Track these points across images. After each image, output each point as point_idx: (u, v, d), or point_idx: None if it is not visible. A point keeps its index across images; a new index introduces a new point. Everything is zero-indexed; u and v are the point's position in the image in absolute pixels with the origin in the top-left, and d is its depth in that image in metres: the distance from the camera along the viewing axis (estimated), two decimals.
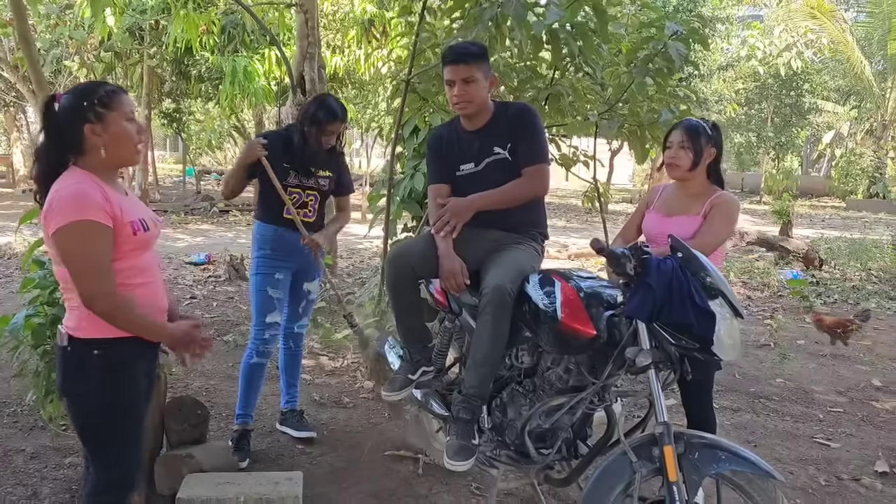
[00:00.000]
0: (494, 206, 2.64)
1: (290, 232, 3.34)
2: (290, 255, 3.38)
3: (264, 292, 3.34)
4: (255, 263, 3.38)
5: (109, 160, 1.93)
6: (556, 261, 9.84)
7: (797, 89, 23.20)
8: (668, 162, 2.78)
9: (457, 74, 2.62)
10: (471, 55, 2.62)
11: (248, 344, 3.43)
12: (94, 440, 1.99)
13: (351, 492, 3.09)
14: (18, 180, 19.11)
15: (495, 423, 2.59)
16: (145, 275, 2.01)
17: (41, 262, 2.96)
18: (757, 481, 2.02)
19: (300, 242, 3.33)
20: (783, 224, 11.67)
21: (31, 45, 3.47)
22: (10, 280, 7.44)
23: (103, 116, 1.90)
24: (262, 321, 3.36)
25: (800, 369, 5.13)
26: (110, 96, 1.92)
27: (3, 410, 3.82)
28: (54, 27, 11.57)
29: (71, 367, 1.94)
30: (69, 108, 1.89)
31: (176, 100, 15.74)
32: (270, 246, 3.36)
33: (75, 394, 1.95)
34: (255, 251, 3.40)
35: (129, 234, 1.92)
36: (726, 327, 2.09)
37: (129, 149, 1.96)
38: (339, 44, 11.54)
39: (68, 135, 1.89)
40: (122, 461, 2.02)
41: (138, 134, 1.98)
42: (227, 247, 9.63)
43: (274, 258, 3.36)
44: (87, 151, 1.91)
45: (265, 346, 3.39)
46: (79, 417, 1.98)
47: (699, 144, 2.71)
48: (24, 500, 2.90)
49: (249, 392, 3.43)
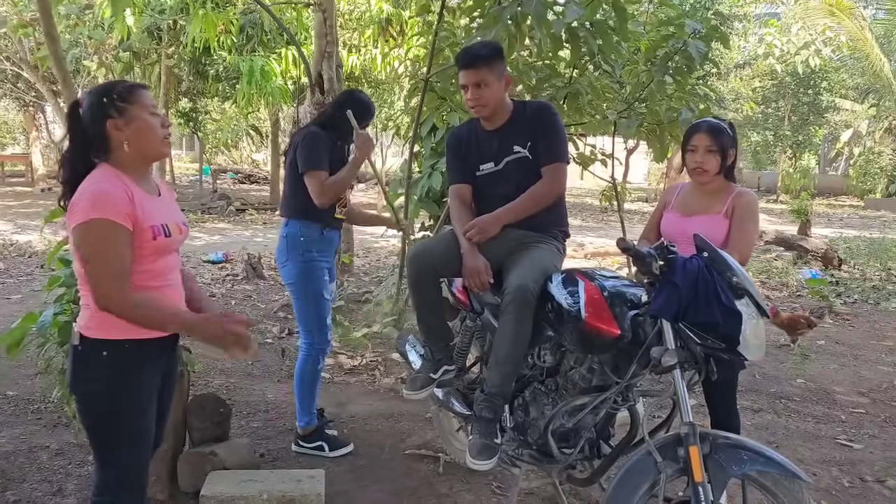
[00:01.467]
0: (520, 216, 2.65)
1: (332, 231, 3.36)
2: (328, 255, 3.38)
3: (321, 297, 3.31)
4: (301, 269, 3.26)
5: (134, 154, 1.91)
6: (574, 260, 9.81)
7: (815, 87, 22.97)
8: (695, 167, 2.68)
9: (469, 79, 2.63)
10: (482, 59, 2.61)
11: (307, 351, 3.35)
12: (95, 440, 1.97)
13: (372, 490, 3.11)
14: (38, 179, 19.30)
15: (517, 422, 2.58)
16: (160, 279, 1.97)
17: (67, 260, 2.98)
18: (783, 482, 2.01)
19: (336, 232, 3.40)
20: (801, 223, 11.57)
21: (56, 42, 3.49)
22: (32, 278, 7.52)
23: (124, 110, 1.88)
24: (322, 325, 3.34)
25: (821, 370, 5.09)
26: (129, 90, 1.91)
27: (28, 407, 3.87)
28: (74, 27, 11.67)
29: (80, 366, 1.91)
30: (90, 107, 1.89)
31: (193, 99, 15.84)
32: (316, 248, 3.29)
33: (81, 393, 1.94)
34: (299, 255, 3.26)
35: (148, 239, 1.89)
36: (752, 327, 2.07)
37: (153, 141, 1.94)
38: (356, 43, 11.56)
39: (93, 134, 1.88)
40: (122, 463, 1.98)
41: (163, 127, 1.96)
42: (245, 245, 9.68)
43: (319, 259, 3.31)
44: (113, 148, 1.90)
45: (328, 347, 3.43)
46: (83, 416, 1.96)
47: (724, 146, 2.65)
48: (50, 496, 2.93)
49: (314, 396, 3.42)
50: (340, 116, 3.30)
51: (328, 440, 3.43)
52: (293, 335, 5.50)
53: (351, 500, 3.01)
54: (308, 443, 3.41)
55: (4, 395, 4.03)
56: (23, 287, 7.12)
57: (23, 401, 3.95)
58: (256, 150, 26.07)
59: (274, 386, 4.41)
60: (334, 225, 3.38)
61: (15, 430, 3.57)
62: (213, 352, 1.97)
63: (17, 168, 21.90)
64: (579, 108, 4.64)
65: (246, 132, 18.56)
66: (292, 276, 3.30)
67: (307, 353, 3.36)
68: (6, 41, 13.30)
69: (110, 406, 1.92)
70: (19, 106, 20.48)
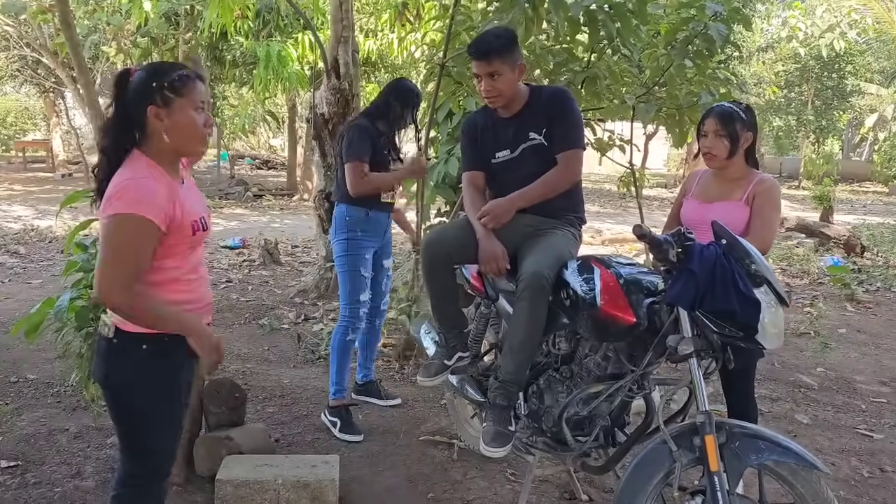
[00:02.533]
0: (534, 202, 2.62)
1: (379, 213, 3.56)
2: (375, 235, 3.58)
3: (357, 272, 3.51)
4: (345, 245, 3.51)
5: (171, 147, 1.85)
6: (591, 246, 9.75)
7: (839, 71, 22.60)
8: (706, 152, 2.69)
9: (482, 70, 2.59)
10: (494, 50, 2.57)
11: (340, 322, 3.58)
12: (129, 432, 1.97)
13: (386, 475, 3.11)
14: (58, 165, 19.50)
15: (532, 409, 2.57)
16: (197, 271, 1.98)
17: (84, 245, 3.00)
18: (801, 472, 1.98)
19: (387, 219, 3.64)
20: (824, 210, 11.41)
21: (72, 29, 3.50)
22: (52, 263, 7.61)
23: (170, 101, 1.81)
24: (356, 300, 3.54)
25: (841, 358, 5.02)
26: (182, 81, 1.83)
27: (47, 391, 3.92)
28: (92, 13, 11.72)
29: (115, 359, 1.89)
30: (138, 85, 1.82)
31: (210, 85, 15.87)
32: (361, 227, 3.51)
33: (117, 386, 1.92)
34: (343, 233, 3.52)
35: (188, 234, 1.87)
36: (771, 315, 2.04)
37: (191, 139, 1.88)
38: (373, 27, 11.51)
39: (134, 113, 1.83)
40: (155, 454, 2.00)
41: (206, 125, 1.89)
42: (262, 231, 9.72)
43: (363, 239, 3.52)
44: (150, 135, 1.84)
45: (359, 322, 3.59)
46: (118, 409, 1.95)
47: (735, 131, 2.62)
48: (69, 479, 2.97)
49: (344, 367, 3.60)
50: (388, 107, 3.55)
51: (344, 420, 3.52)
52: (309, 321, 5.52)
53: (365, 485, 3.02)
54: (330, 415, 3.58)
55: (25, 379, 4.08)
56: (43, 272, 7.20)
57: (43, 384, 4.00)
58: (273, 135, 26.14)
59: (289, 371, 4.43)
60: (380, 207, 3.58)
61: (35, 412, 3.62)
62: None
63: (38, 154, 22.13)
64: (597, 93, 4.58)
65: (263, 118, 18.61)
66: (337, 252, 3.58)
67: (340, 323, 3.60)
68: (26, 27, 13.39)
69: (149, 398, 1.91)
70: (39, 92, 20.65)
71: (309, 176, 14.95)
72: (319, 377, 4.32)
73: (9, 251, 8.12)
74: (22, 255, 7.98)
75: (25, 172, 19.22)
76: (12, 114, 24.15)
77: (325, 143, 5.94)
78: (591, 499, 2.95)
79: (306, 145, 14.50)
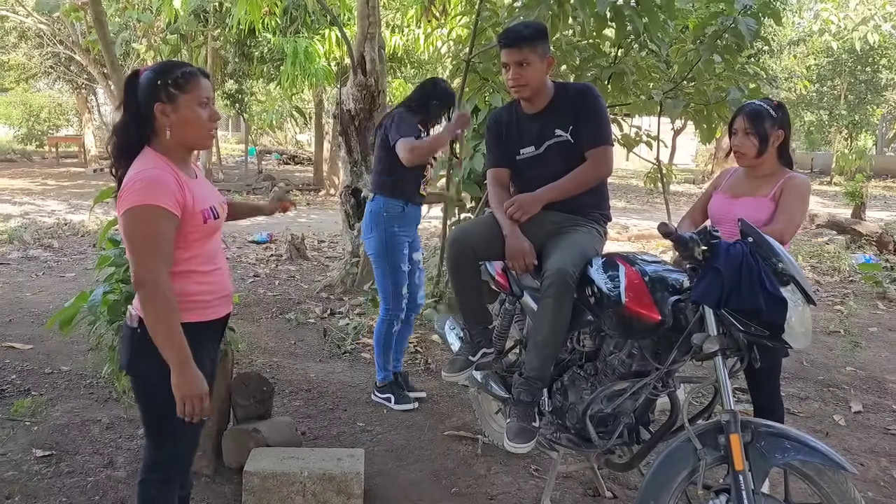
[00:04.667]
0: (562, 196, 2.62)
1: (415, 207, 3.67)
2: (409, 229, 3.70)
3: (397, 267, 3.65)
4: (383, 241, 3.61)
5: (174, 142, 1.92)
6: (617, 243, 9.70)
7: (873, 65, 22.13)
8: (735, 150, 2.70)
9: (511, 57, 2.59)
10: (525, 38, 2.57)
11: (383, 315, 3.74)
12: (154, 420, 2.02)
13: (410, 469, 3.14)
14: (90, 160, 19.85)
15: (556, 406, 2.57)
16: (214, 261, 2.02)
17: (116, 240, 3.06)
18: (827, 473, 1.96)
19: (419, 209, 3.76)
20: (855, 206, 11.21)
21: (104, 27, 3.58)
22: (84, 257, 7.76)
23: (175, 98, 1.88)
24: (398, 294, 3.69)
25: (872, 358, 4.94)
26: (186, 78, 1.90)
27: (80, 382, 4.01)
28: (123, 10, 11.90)
29: (139, 348, 1.93)
30: (145, 84, 1.89)
31: (238, 81, 16.04)
32: (398, 223, 3.62)
33: (141, 375, 1.97)
34: (381, 229, 3.61)
35: (200, 223, 1.92)
36: (798, 314, 2.02)
37: (195, 133, 1.94)
38: (399, 23, 11.54)
39: (143, 111, 1.89)
40: (179, 441, 2.04)
41: (211, 120, 1.95)
42: (288, 226, 9.81)
43: (400, 234, 3.63)
44: (157, 131, 1.91)
45: (402, 314, 3.76)
46: (143, 397, 2.00)
47: (763, 129, 2.61)
48: (101, 468, 3.04)
49: (387, 356, 3.81)
50: (426, 106, 3.67)
51: (396, 394, 3.79)
52: (335, 315, 5.56)
53: (390, 479, 3.05)
54: (381, 393, 3.83)
55: (59, 370, 4.18)
56: (76, 265, 7.35)
57: (76, 376, 4.09)
58: (300, 131, 26.31)
59: (316, 366, 4.48)
60: (416, 201, 3.69)
61: (68, 403, 3.70)
62: None
63: (71, 149, 22.52)
64: (624, 89, 4.56)
65: (290, 113, 18.72)
66: (374, 248, 3.66)
67: (383, 317, 3.74)
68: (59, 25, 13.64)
69: (169, 386, 1.92)
70: (72, 88, 21.06)
71: (335, 171, 15.04)
72: (345, 371, 4.37)
73: (42, 245, 8.29)
74: (55, 249, 8.14)
75: (58, 167, 19.59)
76: (45, 109, 24.60)
77: (351, 139, 5.98)
78: (614, 495, 2.95)
79: (333, 141, 14.56)
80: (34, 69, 19.14)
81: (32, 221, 9.97)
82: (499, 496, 2.94)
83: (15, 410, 3.52)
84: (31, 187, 14.69)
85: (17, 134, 24.83)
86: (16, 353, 4.46)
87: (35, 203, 12.23)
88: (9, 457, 3.10)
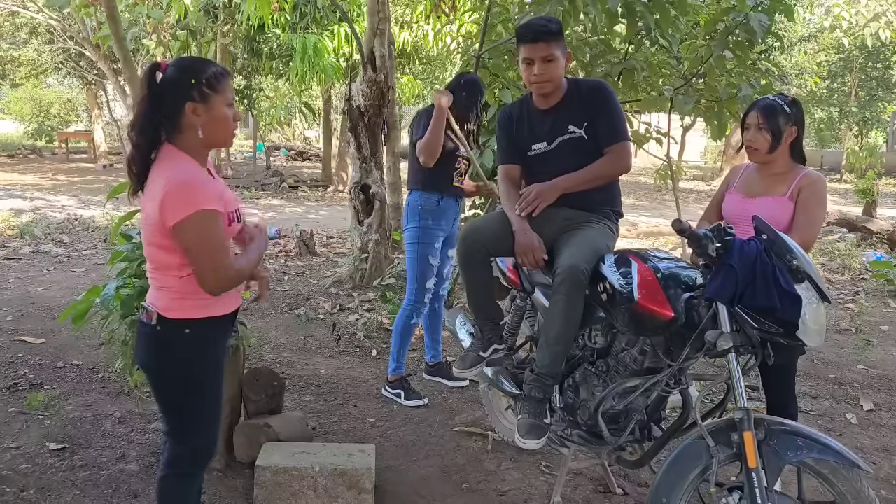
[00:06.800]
0: (580, 187, 2.61)
1: (449, 200, 3.70)
2: (445, 224, 3.72)
3: (426, 260, 3.69)
4: (416, 233, 3.67)
5: (205, 141, 1.92)
6: (626, 239, 9.67)
7: (885, 61, 21.97)
8: (747, 145, 2.67)
9: (536, 53, 2.56)
10: (550, 33, 2.56)
11: (405, 306, 3.78)
12: (176, 415, 2.05)
13: (421, 465, 3.15)
14: (100, 156, 19.93)
15: (567, 402, 2.57)
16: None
17: (128, 235, 3.08)
18: (841, 471, 1.96)
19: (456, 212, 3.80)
20: (867, 203, 11.13)
21: (118, 24, 3.59)
22: (95, 252, 7.80)
23: (208, 98, 1.87)
24: (422, 286, 3.72)
25: (884, 356, 4.92)
26: (218, 79, 1.90)
27: (92, 377, 4.03)
28: (133, 7, 11.92)
29: (160, 345, 1.97)
30: (174, 81, 1.87)
31: (247, 77, 16.05)
32: (432, 216, 3.67)
33: (163, 371, 2.00)
34: (416, 221, 3.67)
35: (226, 225, 1.94)
36: (812, 312, 2.01)
37: (224, 133, 1.96)
38: (408, 19, 11.52)
39: (169, 108, 1.87)
40: (202, 434, 2.08)
41: (234, 120, 1.97)
42: (297, 222, 9.82)
43: (433, 228, 3.67)
44: (184, 129, 1.89)
45: (423, 308, 3.80)
46: (164, 393, 2.04)
47: (777, 125, 2.58)
48: (114, 462, 3.06)
49: (404, 348, 3.84)
50: (458, 99, 3.68)
51: (406, 390, 3.80)
52: (344, 311, 5.58)
53: (400, 474, 3.06)
54: (391, 388, 3.84)
55: (71, 365, 4.20)
56: (86, 260, 7.39)
57: (88, 370, 4.11)
58: (309, 127, 26.33)
59: (326, 361, 4.49)
60: (451, 193, 3.71)
61: (80, 397, 3.73)
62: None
63: (80, 145, 22.61)
64: (634, 85, 4.55)
65: (299, 109, 18.73)
66: (407, 238, 3.73)
67: (405, 307, 3.79)
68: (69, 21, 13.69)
69: (196, 379, 2.00)
70: (82, 84, 21.13)
71: (344, 167, 15.05)
72: (355, 367, 4.38)
73: (54, 240, 8.33)
74: (66, 244, 8.18)
75: (68, 163, 19.68)
76: (55, 105, 24.72)
77: (360, 135, 5.98)
78: (625, 493, 2.95)
79: (341, 137, 14.59)
80: (45, 65, 19.20)
81: (43, 216, 10.02)
82: (509, 492, 2.94)
83: (28, 404, 3.55)
84: (41, 182, 14.77)
85: (27, 129, 24.96)
86: (28, 347, 4.49)
87: (45, 198, 12.30)
88: (23, 450, 3.12)
